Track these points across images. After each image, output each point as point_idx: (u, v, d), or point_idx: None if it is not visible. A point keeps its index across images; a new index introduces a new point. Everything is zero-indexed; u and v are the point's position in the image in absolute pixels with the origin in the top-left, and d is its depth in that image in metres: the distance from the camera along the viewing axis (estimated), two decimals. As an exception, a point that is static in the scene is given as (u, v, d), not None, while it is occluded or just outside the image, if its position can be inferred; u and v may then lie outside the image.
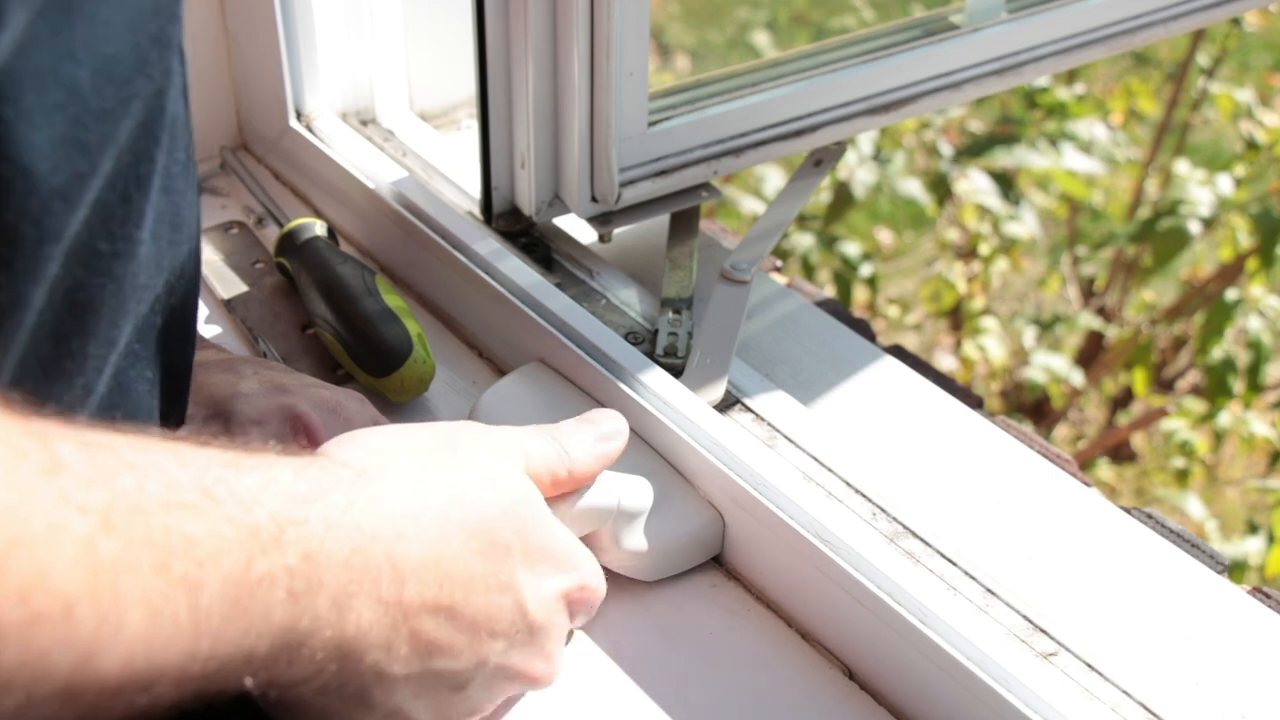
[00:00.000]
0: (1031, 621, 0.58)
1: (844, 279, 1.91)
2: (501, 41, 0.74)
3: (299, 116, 0.88)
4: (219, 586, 0.36)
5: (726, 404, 0.69)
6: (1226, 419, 1.84)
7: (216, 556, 0.36)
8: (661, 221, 0.81)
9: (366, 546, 0.43)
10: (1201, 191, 1.84)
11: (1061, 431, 2.11)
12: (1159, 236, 1.83)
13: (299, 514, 0.40)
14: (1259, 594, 0.63)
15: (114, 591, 0.33)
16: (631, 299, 0.75)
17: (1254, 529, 1.74)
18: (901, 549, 0.61)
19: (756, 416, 0.68)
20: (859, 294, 2.05)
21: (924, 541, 0.61)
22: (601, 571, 0.56)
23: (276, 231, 0.83)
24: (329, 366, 0.75)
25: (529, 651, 0.51)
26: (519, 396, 0.69)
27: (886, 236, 2.51)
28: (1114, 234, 1.94)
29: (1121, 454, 2.09)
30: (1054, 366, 1.90)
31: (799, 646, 0.61)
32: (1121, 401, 2.11)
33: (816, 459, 0.66)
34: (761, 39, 2.61)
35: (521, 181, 0.78)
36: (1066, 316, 2.02)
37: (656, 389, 0.66)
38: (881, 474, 0.65)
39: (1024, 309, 2.26)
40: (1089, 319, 2.00)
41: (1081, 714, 0.52)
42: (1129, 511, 0.67)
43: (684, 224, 0.81)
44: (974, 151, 1.87)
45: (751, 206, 2.04)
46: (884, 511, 0.63)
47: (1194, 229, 1.80)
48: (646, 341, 0.72)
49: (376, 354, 0.70)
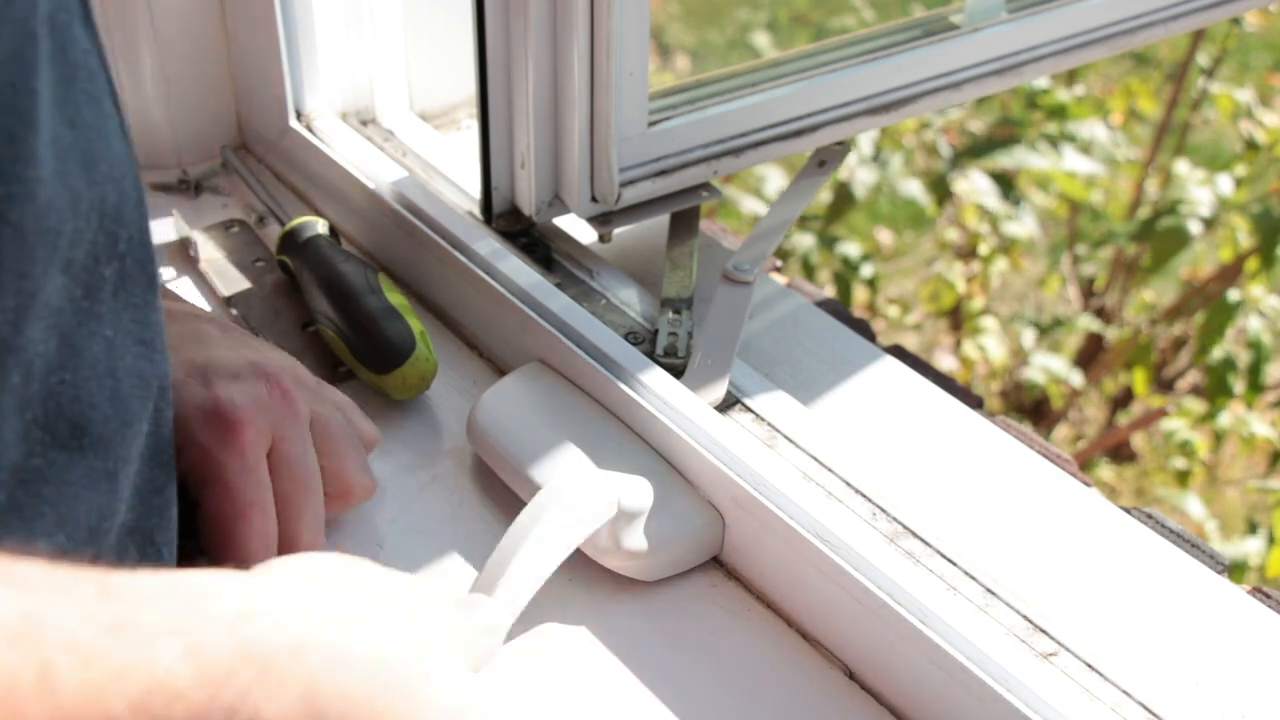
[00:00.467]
0: (1031, 621, 0.58)
1: (844, 279, 1.92)
2: (501, 41, 0.74)
3: (299, 116, 0.88)
4: None
5: (726, 404, 0.69)
6: (1226, 419, 1.84)
7: None
8: (661, 221, 0.81)
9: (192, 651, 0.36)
10: (1201, 191, 1.84)
11: (1061, 431, 2.11)
12: (1159, 236, 1.83)
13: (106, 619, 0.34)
14: (1259, 594, 0.63)
15: None
16: (631, 299, 0.75)
17: (1254, 529, 1.74)
18: (901, 549, 0.61)
19: (756, 416, 0.68)
20: (859, 294, 2.05)
21: (924, 541, 0.61)
22: None
23: (277, 230, 0.83)
24: (331, 364, 0.75)
25: None
26: (519, 396, 0.70)
27: (886, 236, 2.51)
28: (1114, 234, 1.94)
29: (1121, 454, 2.09)
30: (1054, 367, 1.90)
31: (799, 646, 0.61)
32: (1121, 401, 2.11)
33: (816, 459, 0.66)
34: (761, 39, 2.61)
35: (521, 181, 0.78)
36: (1066, 317, 2.02)
37: (656, 389, 0.66)
38: (881, 474, 0.65)
39: (1024, 309, 2.26)
40: (1088, 322, 2.00)
41: (1081, 714, 0.52)
42: (1129, 511, 0.67)
43: (684, 224, 0.81)
44: (974, 152, 1.87)
45: (751, 206, 2.04)
46: (884, 511, 0.63)
47: (1194, 229, 1.80)
48: (646, 341, 0.72)
49: (379, 351, 0.70)
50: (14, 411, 0.41)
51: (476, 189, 0.80)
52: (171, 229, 0.86)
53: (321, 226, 0.78)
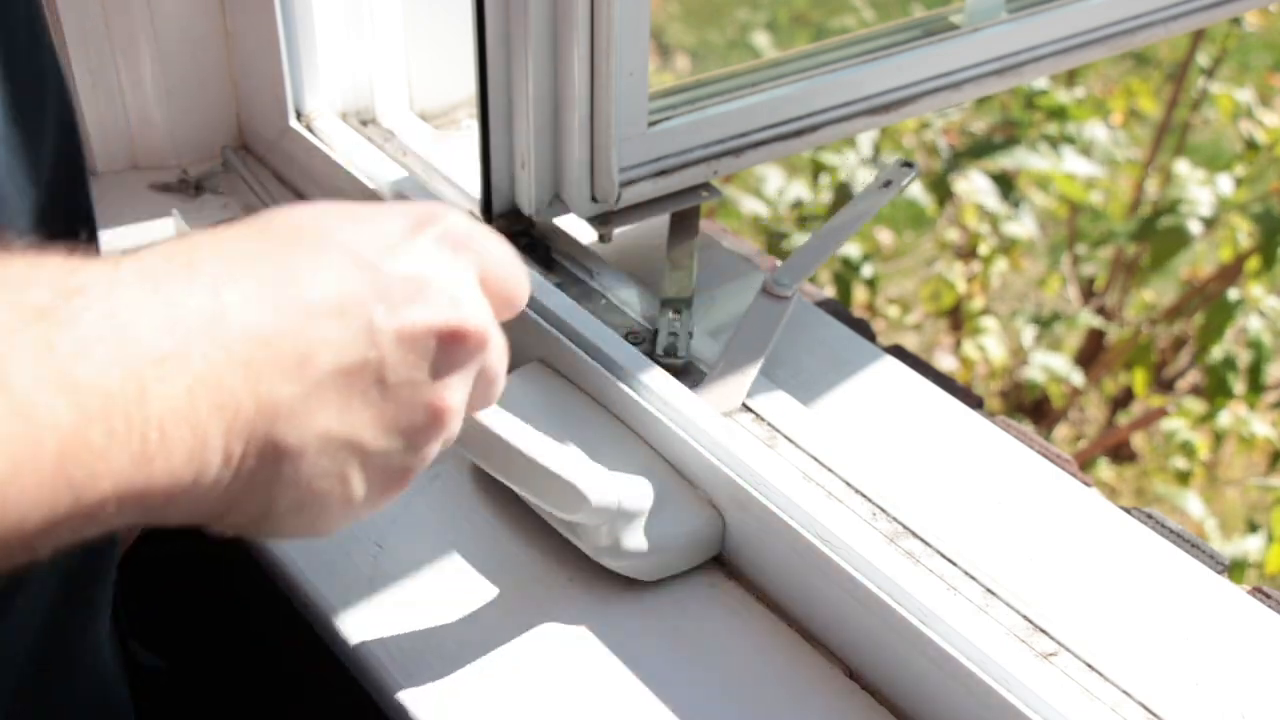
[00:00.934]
0: (1031, 621, 0.58)
1: (844, 279, 1.92)
2: (501, 41, 0.74)
3: (299, 116, 0.88)
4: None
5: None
6: (1226, 419, 1.84)
7: None
8: (661, 221, 0.81)
9: (158, 289, 0.37)
10: (1201, 191, 1.84)
11: (1061, 431, 2.11)
12: (1159, 236, 1.83)
13: (71, 283, 0.35)
14: (1259, 594, 0.63)
15: None
16: (631, 299, 0.75)
17: (1254, 529, 1.74)
18: (901, 549, 0.61)
19: (756, 416, 0.68)
20: (859, 294, 2.05)
21: (924, 541, 0.61)
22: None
23: (277, 231, 0.83)
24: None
25: (426, 302, 0.42)
26: (519, 396, 0.69)
27: (886, 236, 2.51)
28: (1114, 233, 1.94)
29: (1121, 454, 2.09)
30: (1054, 366, 1.90)
31: (799, 646, 0.61)
32: (1121, 401, 2.11)
33: (816, 459, 0.66)
34: (761, 39, 2.61)
35: (521, 181, 0.78)
36: (1066, 315, 2.02)
37: (656, 389, 0.66)
38: (881, 474, 0.65)
39: (1024, 309, 2.26)
40: (1089, 317, 2.00)
41: (1081, 714, 0.52)
42: (1129, 511, 0.67)
43: (684, 224, 0.81)
44: (974, 152, 1.87)
45: (752, 206, 2.04)
46: (884, 511, 0.63)
47: (1194, 229, 1.80)
48: (646, 341, 0.72)
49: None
50: None
51: (476, 189, 0.80)
52: (171, 229, 0.86)
53: (321, 226, 0.78)
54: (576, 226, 0.81)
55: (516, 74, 0.75)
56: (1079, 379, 1.94)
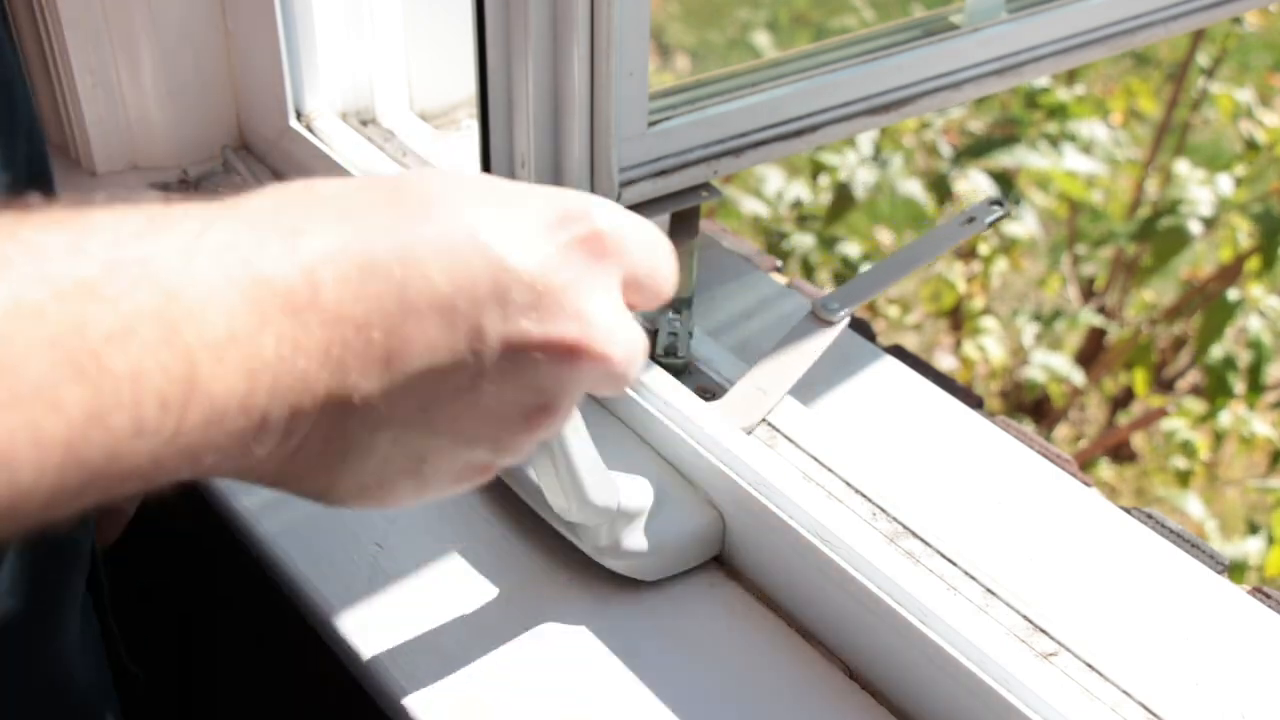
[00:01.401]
0: (1031, 621, 0.58)
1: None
2: (501, 41, 0.74)
3: (299, 116, 0.88)
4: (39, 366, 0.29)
5: (726, 404, 0.69)
6: (1227, 419, 1.84)
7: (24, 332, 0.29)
8: (661, 221, 0.81)
9: (247, 261, 0.33)
10: (1201, 191, 1.84)
11: (1061, 431, 2.11)
12: (1159, 236, 1.83)
13: (131, 254, 0.32)
14: (1259, 594, 0.63)
15: None
16: (631, 299, 0.75)
17: (1254, 529, 1.74)
18: (901, 549, 0.61)
19: (756, 416, 0.68)
20: (859, 294, 2.05)
21: (924, 541, 0.61)
22: (620, 213, 0.43)
23: (277, 231, 0.83)
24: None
25: (545, 314, 0.38)
26: (519, 396, 0.69)
27: (886, 237, 2.51)
28: (1114, 233, 1.94)
29: (1121, 454, 2.09)
30: (1054, 366, 1.90)
31: (799, 646, 0.61)
32: (1121, 401, 2.11)
33: (816, 459, 0.66)
34: (761, 39, 2.61)
35: (521, 181, 0.78)
36: (1067, 315, 2.02)
37: (657, 389, 0.66)
38: (881, 474, 0.65)
39: (1024, 309, 2.26)
40: (1089, 316, 2.00)
41: (1081, 714, 0.52)
42: (1129, 511, 0.67)
43: (684, 224, 0.81)
44: (974, 152, 1.87)
45: (752, 206, 2.04)
46: (884, 511, 0.63)
47: (1194, 229, 1.80)
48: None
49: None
50: None
51: (476, 189, 0.80)
52: (171, 229, 0.86)
53: (321, 226, 0.78)
54: (576, 226, 0.81)
55: (516, 74, 0.75)
56: (1079, 379, 1.94)
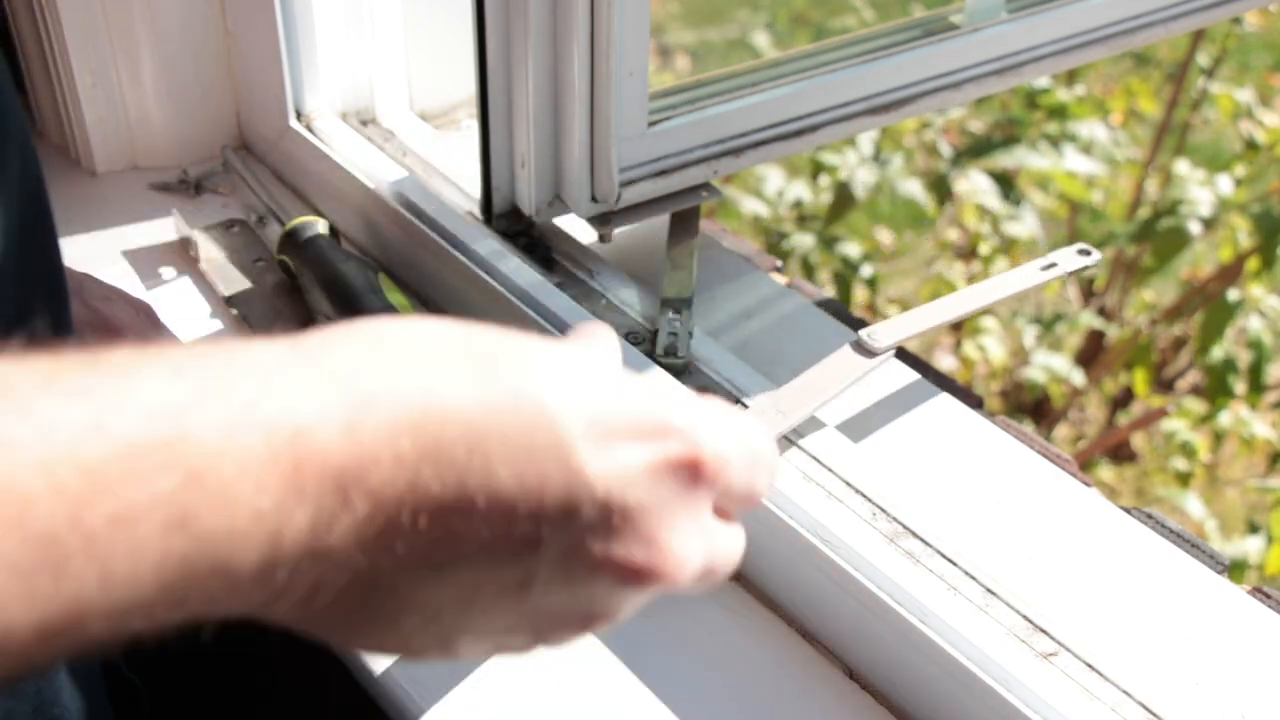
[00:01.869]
0: (1031, 621, 0.58)
1: (844, 279, 1.92)
2: (501, 41, 0.74)
3: (299, 116, 0.88)
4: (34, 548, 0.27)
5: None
6: (1227, 419, 1.84)
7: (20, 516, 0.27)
8: (661, 221, 0.81)
9: (299, 436, 0.31)
10: (1201, 191, 1.84)
11: (1061, 431, 2.11)
12: (1159, 236, 1.83)
13: (162, 432, 0.30)
14: (1259, 594, 0.63)
15: None
16: (631, 299, 0.75)
17: (1254, 529, 1.74)
18: (901, 549, 0.61)
19: (756, 416, 0.68)
20: (859, 294, 2.05)
21: (924, 541, 0.61)
22: (734, 436, 0.39)
23: (278, 230, 0.83)
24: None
25: (614, 535, 0.35)
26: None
27: (886, 237, 2.51)
28: (1114, 234, 1.94)
29: (1121, 454, 2.09)
30: (1054, 366, 1.90)
31: (799, 646, 0.61)
32: (1121, 401, 2.11)
33: (816, 459, 0.66)
34: (761, 39, 2.61)
35: (521, 181, 0.78)
36: (1067, 316, 2.02)
37: (656, 389, 0.66)
38: (881, 474, 0.65)
39: (1024, 309, 2.26)
40: (1090, 318, 2.00)
41: (1081, 714, 0.52)
42: (1129, 511, 0.67)
43: (684, 224, 0.81)
44: (974, 152, 1.87)
45: (752, 206, 2.04)
46: (884, 511, 0.63)
47: (1194, 229, 1.80)
48: (646, 341, 0.72)
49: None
50: None
51: (476, 189, 0.80)
52: (171, 229, 0.86)
53: (322, 226, 0.78)
54: (576, 226, 0.81)
55: (516, 74, 0.75)
56: (1079, 379, 1.94)
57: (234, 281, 0.81)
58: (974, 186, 1.88)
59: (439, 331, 0.36)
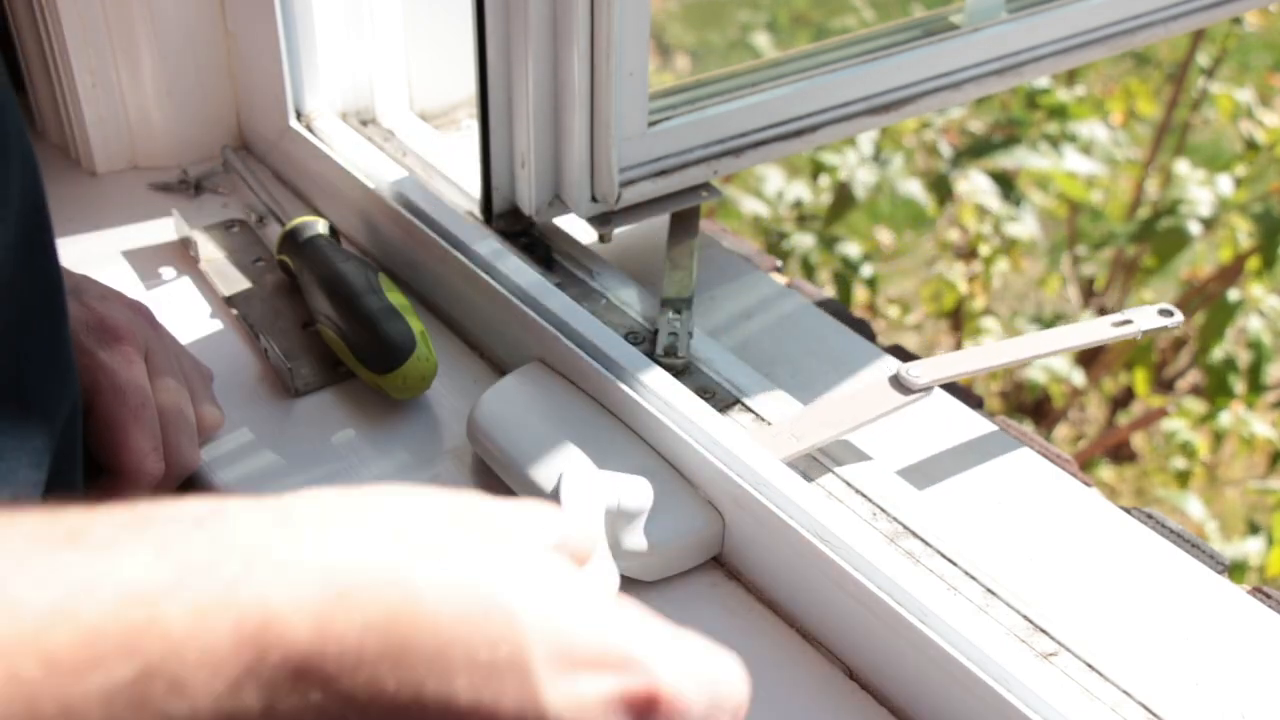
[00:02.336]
0: (1031, 621, 0.58)
1: (844, 279, 1.92)
2: (501, 41, 0.74)
3: (299, 116, 0.88)
4: None
5: (726, 404, 0.69)
6: (1227, 419, 1.84)
7: None
8: (661, 221, 0.81)
9: (268, 625, 0.32)
10: (1201, 191, 1.84)
11: (1061, 431, 2.11)
12: (1159, 236, 1.83)
13: (136, 619, 0.30)
14: (1259, 594, 0.63)
15: None
16: (631, 299, 0.76)
17: (1254, 529, 1.74)
18: (901, 549, 0.61)
19: (756, 416, 0.68)
20: (859, 294, 2.05)
21: (924, 541, 0.61)
22: (705, 671, 0.40)
23: (278, 230, 0.83)
24: (331, 363, 0.75)
25: None
26: (519, 396, 0.70)
27: (886, 237, 2.51)
28: (1114, 234, 1.94)
29: (1121, 454, 2.09)
30: (1054, 366, 1.90)
31: (799, 646, 0.61)
32: (1122, 401, 2.11)
33: (816, 459, 0.66)
34: (761, 39, 2.61)
35: (521, 181, 0.78)
36: (1067, 317, 2.03)
37: (656, 389, 0.66)
38: (880, 473, 0.65)
39: (1024, 309, 2.26)
40: (1090, 319, 2.00)
41: (1081, 714, 0.52)
42: (1129, 511, 0.67)
43: (684, 224, 0.81)
44: (974, 152, 1.87)
45: (752, 206, 2.04)
46: (884, 511, 0.63)
47: (1194, 229, 1.80)
48: (646, 341, 0.72)
49: (380, 351, 0.70)
50: None
51: (476, 189, 0.80)
52: (171, 229, 0.86)
53: (321, 226, 0.78)
54: (576, 226, 0.81)
55: (516, 74, 0.75)
56: (1079, 379, 1.94)
57: (234, 281, 0.81)
58: (974, 186, 1.88)
59: (433, 509, 0.36)
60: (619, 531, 0.61)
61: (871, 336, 0.80)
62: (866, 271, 1.93)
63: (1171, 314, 0.72)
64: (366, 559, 0.33)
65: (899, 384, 0.68)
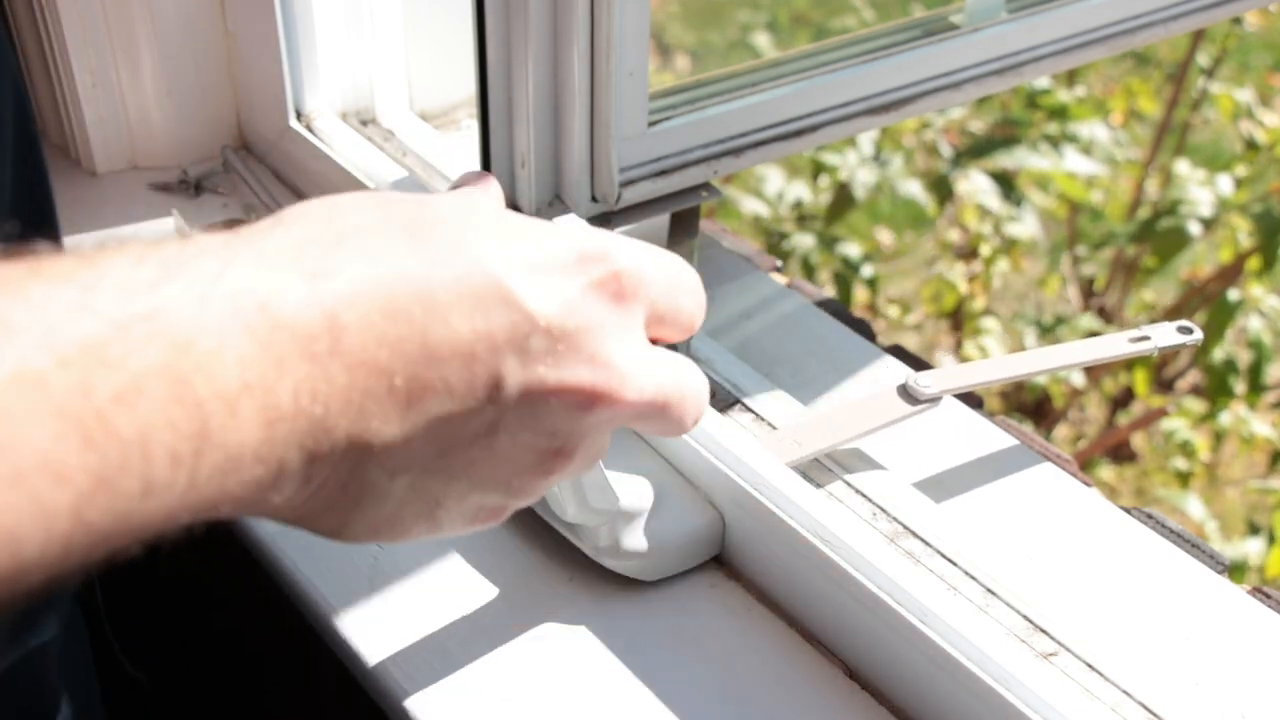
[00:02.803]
0: (1031, 621, 0.58)
1: (844, 279, 1.92)
2: (501, 41, 0.74)
3: (299, 116, 0.88)
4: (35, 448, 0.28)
5: (726, 404, 0.69)
6: (1227, 419, 1.84)
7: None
8: (661, 221, 0.81)
9: (265, 306, 0.33)
10: (1201, 191, 1.85)
11: (1061, 431, 2.11)
12: (1159, 236, 1.83)
13: (140, 308, 0.31)
14: (1259, 594, 0.63)
15: None
16: (631, 299, 0.75)
17: (1254, 529, 1.74)
18: (901, 549, 0.61)
19: (756, 416, 0.68)
20: (859, 294, 2.05)
21: (924, 541, 0.61)
22: (647, 255, 0.42)
23: (277, 231, 0.83)
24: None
25: (562, 360, 0.38)
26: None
27: (886, 237, 2.51)
28: (1114, 234, 1.94)
29: (1121, 454, 2.09)
30: (1054, 367, 1.90)
31: (799, 646, 0.61)
32: (1122, 401, 2.11)
33: (816, 458, 0.66)
34: (762, 39, 2.62)
35: (522, 181, 0.78)
36: (1067, 317, 2.03)
37: (656, 389, 0.66)
38: (880, 473, 0.65)
39: (1024, 309, 2.26)
40: (1089, 321, 2.00)
41: (1081, 714, 0.52)
42: (1129, 511, 0.67)
43: (684, 224, 0.81)
44: (975, 152, 1.87)
45: (752, 206, 2.04)
46: (884, 511, 0.63)
47: (1194, 229, 1.81)
48: (646, 341, 0.72)
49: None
50: None
51: (476, 189, 0.80)
52: (171, 229, 0.86)
53: (321, 226, 0.78)
54: (576, 226, 0.81)
55: (516, 74, 0.75)
56: (1079, 379, 1.94)
57: (234, 281, 0.81)
58: (974, 186, 1.88)
59: (376, 207, 0.39)
60: (619, 531, 0.61)
61: (871, 336, 0.80)
62: (866, 271, 1.93)
63: (1191, 331, 0.71)
64: (330, 246, 0.36)
65: (907, 394, 0.68)
